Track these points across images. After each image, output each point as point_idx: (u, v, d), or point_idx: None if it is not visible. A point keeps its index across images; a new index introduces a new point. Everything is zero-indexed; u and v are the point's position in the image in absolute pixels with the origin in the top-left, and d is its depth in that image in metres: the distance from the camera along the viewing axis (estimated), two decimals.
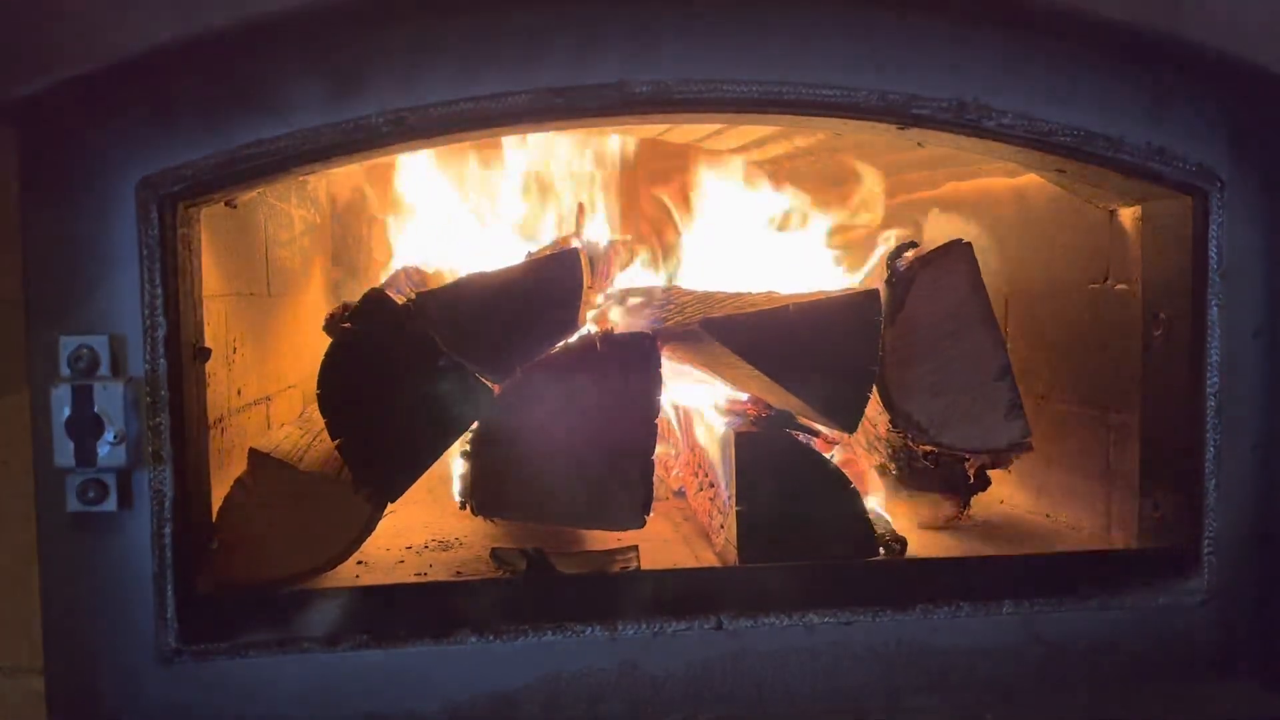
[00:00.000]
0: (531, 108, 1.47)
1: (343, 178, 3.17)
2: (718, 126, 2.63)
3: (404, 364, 1.74)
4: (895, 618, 1.59)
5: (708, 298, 2.20)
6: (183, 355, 1.47)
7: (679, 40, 1.49)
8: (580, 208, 2.93)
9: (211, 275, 2.02)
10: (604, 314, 2.43)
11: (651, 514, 1.82)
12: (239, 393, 2.26)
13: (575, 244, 1.98)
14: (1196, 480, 1.66)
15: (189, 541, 1.48)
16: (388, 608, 1.53)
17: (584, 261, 1.80)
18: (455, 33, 1.45)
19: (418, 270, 2.43)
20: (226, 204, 1.72)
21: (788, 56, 1.52)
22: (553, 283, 1.75)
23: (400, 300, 1.79)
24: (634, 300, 2.47)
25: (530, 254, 2.35)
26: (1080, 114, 1.58)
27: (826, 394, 1.76)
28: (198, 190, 1.45)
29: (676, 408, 2.36)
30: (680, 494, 2.36)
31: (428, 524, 2.18)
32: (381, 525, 1.81)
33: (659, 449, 2.53)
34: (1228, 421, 1.65)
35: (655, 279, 2.94)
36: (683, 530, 2.14)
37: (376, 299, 1.76)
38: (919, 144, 1.86)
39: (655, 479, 2.42)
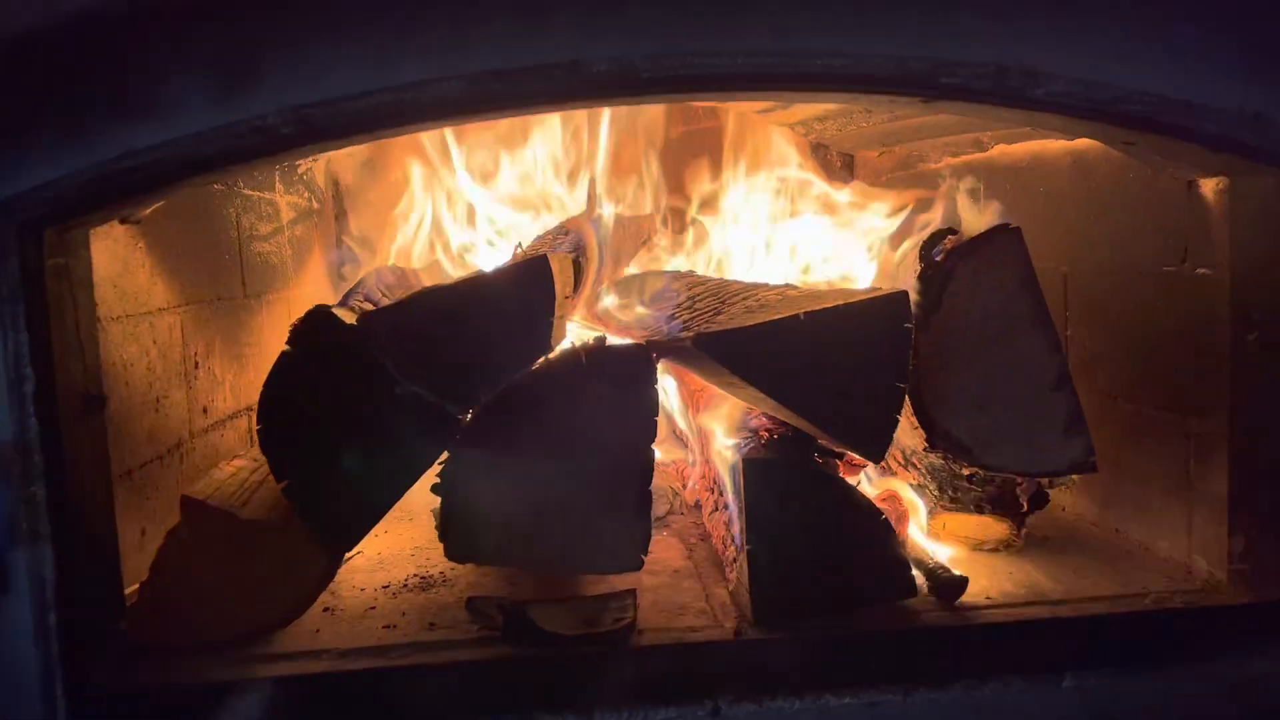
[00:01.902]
0: (467, 96, 1.20)
1: (343, 156, 2.94)
2: None
3: (356, 393, 1.52)
4: (931, 696, 1.33)
5: (721, 288, 1.94)
6: (63, 410, 1.24)
7: (647, 4, 1.21)
8: (592, 182, 2.69)
9: (158, 288, 1.83)
10: (603, 312, 2.17)
11: (666, 531, 1.57)
12: (204, 411, 2.06)
13: (558, 247, 1.72)
14: None
15: (83, 627, 1.27)
16: (322, 703, 1.29)
17: (557, 268, 1.53)
18: (367, 8, 1.18)
19: (397, 268, 2.18)
20: (121, 221, 1.47)
21: (782, 19, 1.22)
22: (518, 299, 1.50)
23: (350, 318, 1.54)
24: (643, 287, 2.22)
25: (519, 247, 2.10)
26: (1153, 76, 1.27)
27: (847, 418, 1.49)
28: (68, 213, 1.21)
29: (687, 411, 2.11)
30: (699, 507, 2.11)
31: (416, 549, 1.97)
32: (364, 554, 1.57)
33: (675, 455, 2.31)
34: None
35: (678, 255, 2.70)
36: (696, 556, 1.89)
37: (319, 319, 1.52)
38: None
39: (671, 490, 2.19)
